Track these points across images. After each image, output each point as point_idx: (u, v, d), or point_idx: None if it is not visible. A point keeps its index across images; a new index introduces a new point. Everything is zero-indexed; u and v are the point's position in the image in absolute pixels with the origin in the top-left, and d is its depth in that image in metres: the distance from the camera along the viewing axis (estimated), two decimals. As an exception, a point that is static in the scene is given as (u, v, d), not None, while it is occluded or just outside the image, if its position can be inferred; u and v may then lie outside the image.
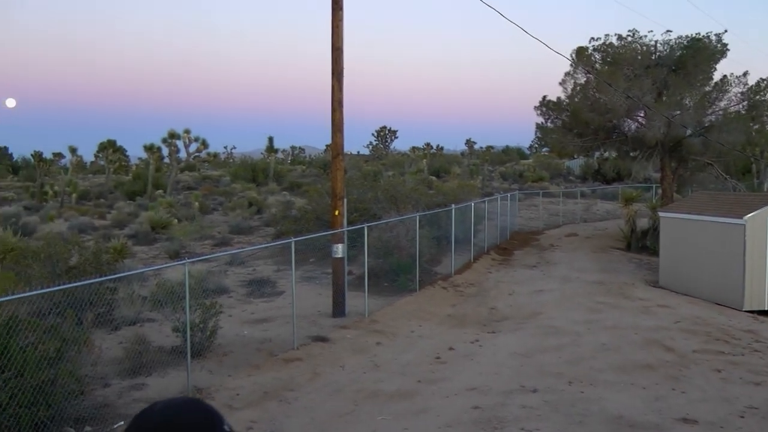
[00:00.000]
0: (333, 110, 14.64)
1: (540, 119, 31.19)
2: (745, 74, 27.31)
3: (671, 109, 26.31)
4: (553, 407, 8.87)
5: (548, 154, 68.24)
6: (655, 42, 27.98)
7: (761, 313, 16.28)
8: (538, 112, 30.88)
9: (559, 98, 30.20)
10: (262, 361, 11.10)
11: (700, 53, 26.84)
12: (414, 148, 76.32)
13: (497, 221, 27.59)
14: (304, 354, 11.54)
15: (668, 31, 28.56)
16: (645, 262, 23.27)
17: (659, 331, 13.36)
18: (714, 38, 27.25)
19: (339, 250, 14.61)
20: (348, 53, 14.69)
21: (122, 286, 13.81)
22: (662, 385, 9.89)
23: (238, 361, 11.06)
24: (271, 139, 62.33)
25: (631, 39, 27.61)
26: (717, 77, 27.62)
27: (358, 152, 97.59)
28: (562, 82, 29.14)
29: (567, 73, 28.87)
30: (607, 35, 27.89)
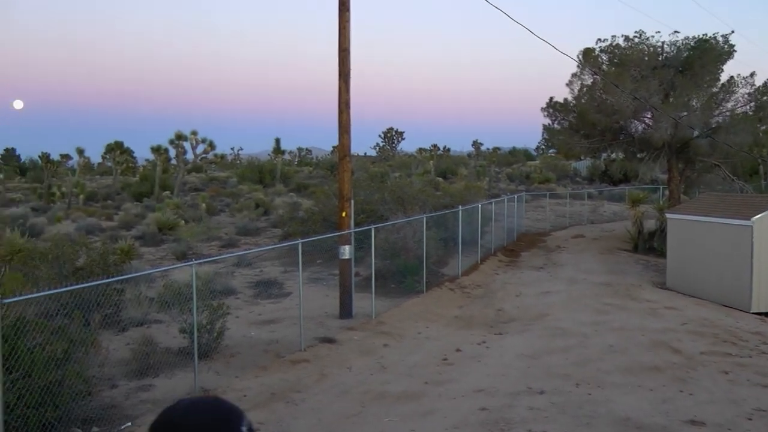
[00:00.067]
0: (340, 112, 14.63)
1: (547, 120, 31.23)
2: (752, 75, 27.29)
3: (678, 110, 26.25)
4: (560, 409, 8.86)
5: (555, 155, 68.27)
6: (662, 43, 27.95)
7: (769, 314, 16.22)
8: (545, 113, 30.90)
9: (565, 99, 30.22)
10: (269, 362, 11.11)
11: (707, 54, 26.78)
12: (421, 150, 76.41)
13: (504, 223, 27.55)
14: (311, 355, 11.55)
15: (675, 32, 28.65)
16: (652, 264, 23.21)
17: (666, 333, 13.32)
18: (721, 39, 27.19)
19: (346, 251, 14.62)
20: (355, 54, 14.69)
21: (129, 288, 13.85)
22: (669, 387, 9.86)
23: (245, 363, 11.07)
24: (278, 141, 62.45)
25: (638, 40, 27.58)
26: (724, 78, 27.61)
27: (365, 154, 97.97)
28: (569, 84, 29.13)
29: (574, 75, 28.87)
30: (613, 36, 27.92)
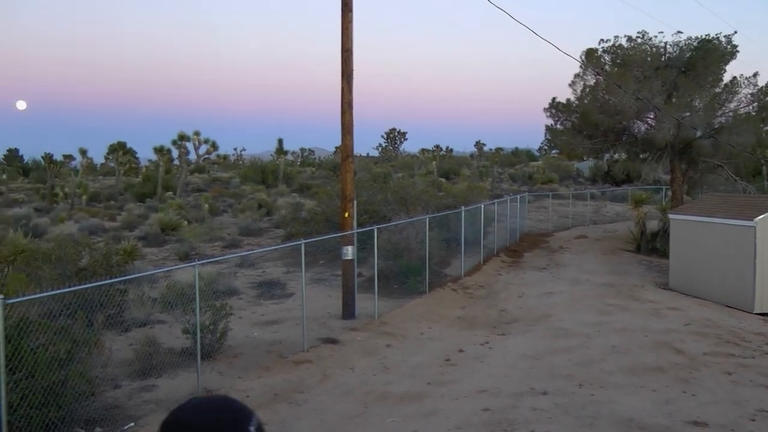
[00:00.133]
0: (343, 112, 14.64)
1: (549, 121, 31.21)
2: (755, 75, 27.25)
3: (681, 110, 26.23)
4: (563, 409, 8.85)
5: (558, 155, 68.29)
6: (665, 43, 27.93)
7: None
8: (548, 113, 30.87)
9: (568, 100, 30.20)
10: (272, 362, 11.11)
11: (710, 54, 26.75)
12: (423, 150, 76.44)
13: (507, 223, 27.54)
14: (314, 356, 11.56)
15: (678, 32, 28.56)
16: (655, 265, 23.19)
17: (669, 334, 13.31)
18: (724, 39, 27.17)
19: (349, 251, 14.62)
20: (357, 55, 14.72)
21: (132, 288, 13.87)
22: (672, 387, 9.85)
23: (248, 363, 11.08)
24: (280, 141, 62.34)
25: (640, 40, 27.55)
26: (727, 78, 27.59)
27: (368, 154, 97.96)
28: (572, 84, 29.12)
29: (576, 75, 28.86)
30: (616, 37, 27.89)
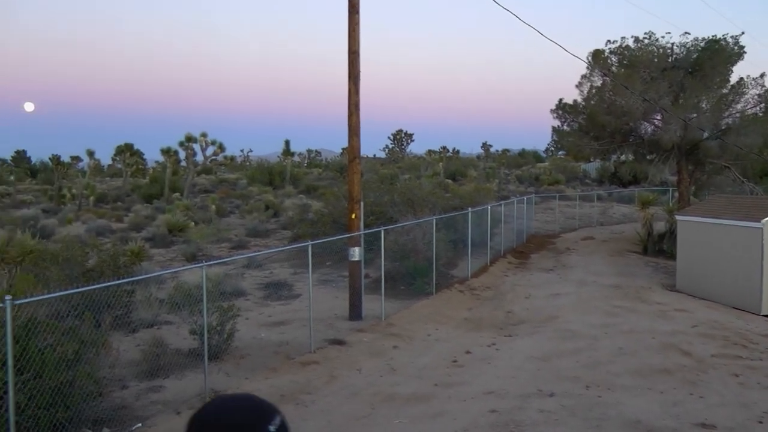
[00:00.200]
0: (350, 114, 14.64)
1: (556, 122, 31.14)
2: (762, 76, 27.13)
3: (688, 111, 26.15)
4: (570, 411, 8.84)
5: (564, 157, 68.16)
6: (672, 44, 27.85)
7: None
8: (555, 115, 30.81)
9: (575, 101, 30.14)
10: (279, 364, 11.13)
11: (717, 55, 26.66)
12: (430, 152, 76.55)
13: (513, 224, 27.50)
14: (321, 357, 11.57)
15: (685, 33, 28.53)
16: (662, 266, 23.13)
17: (676, 336, 13.28)
18: (731, 40, 27.06)
19: (356, 253, 14.64)
20: (364, 56, 14.71)
21: (140, 289, 13.90)
22: (680, 389, 9.83)
23: (255, 364, 11.10)
24: (287, 143, 62.47)
25: (647, 42, 27.48)
26: (734, 79, 27.46)
27: (375, 155, 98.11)
28: (579, 85, 29.04)
29: (583, 76, 28.77)
30: (623, 38, 27.82)
